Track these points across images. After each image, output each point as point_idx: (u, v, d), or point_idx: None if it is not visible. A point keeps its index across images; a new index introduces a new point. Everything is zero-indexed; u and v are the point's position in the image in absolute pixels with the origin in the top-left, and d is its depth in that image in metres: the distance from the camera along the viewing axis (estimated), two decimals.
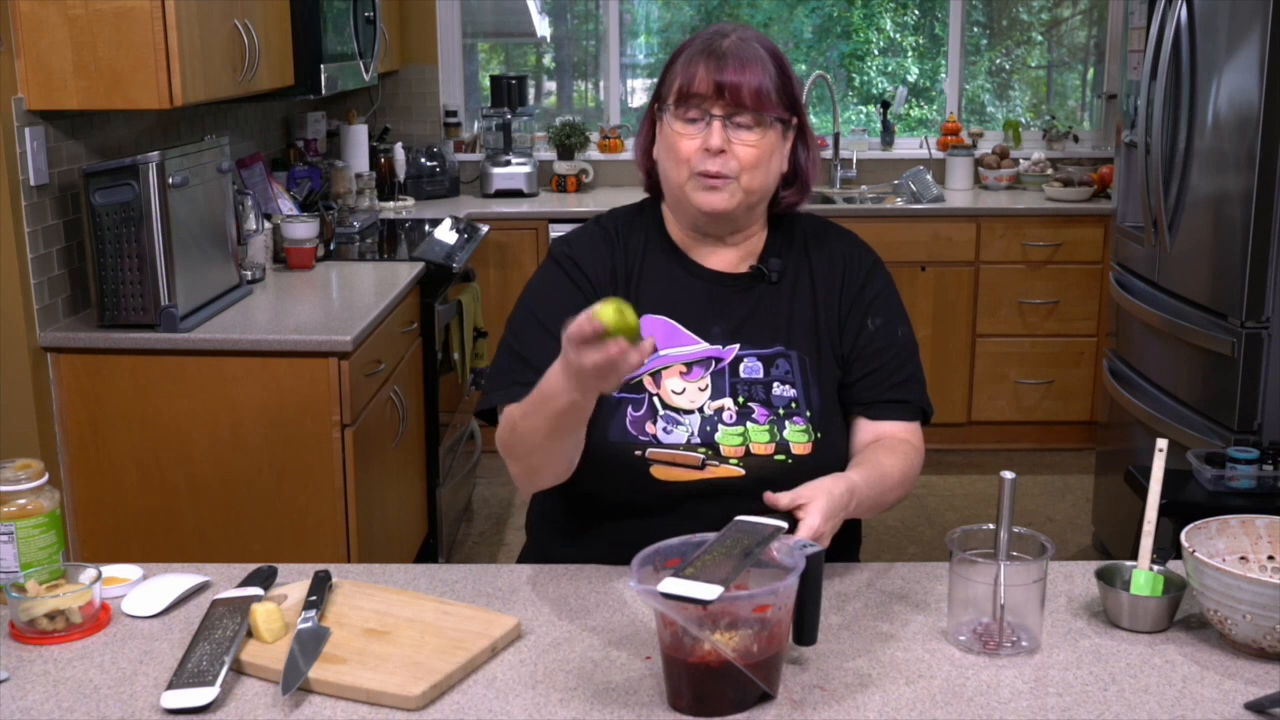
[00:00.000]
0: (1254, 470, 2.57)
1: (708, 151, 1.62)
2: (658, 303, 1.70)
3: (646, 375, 1.66)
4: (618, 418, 1.65)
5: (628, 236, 1.75)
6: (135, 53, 2.65)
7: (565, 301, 1.66)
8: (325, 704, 1.30)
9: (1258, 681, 1.34)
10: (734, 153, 1.62)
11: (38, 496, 1.53)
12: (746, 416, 1.65)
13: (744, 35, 1.66)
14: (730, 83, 1.61)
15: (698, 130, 1.63)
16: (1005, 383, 4.74)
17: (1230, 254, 2.97)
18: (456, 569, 1.65)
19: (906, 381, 1.73)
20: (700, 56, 1.63)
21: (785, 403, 1.67)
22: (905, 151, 5.25)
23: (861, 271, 1.76)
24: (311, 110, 4.61)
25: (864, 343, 1.72)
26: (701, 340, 1.69)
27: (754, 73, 1.61)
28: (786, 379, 1.68)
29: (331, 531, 2.82)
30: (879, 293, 1.75)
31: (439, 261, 3.62)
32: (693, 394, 1.66)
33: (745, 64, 1.62)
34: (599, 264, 1.72)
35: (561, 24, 5.60)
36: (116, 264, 2.73)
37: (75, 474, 2.80)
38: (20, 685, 1.35)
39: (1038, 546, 1.43)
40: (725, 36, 1.65)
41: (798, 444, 1.65)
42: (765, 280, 1.72)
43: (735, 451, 1.64)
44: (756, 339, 1.69)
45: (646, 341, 1.33)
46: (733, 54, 1.62)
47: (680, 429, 1.64)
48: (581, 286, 1.70)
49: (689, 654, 1.26)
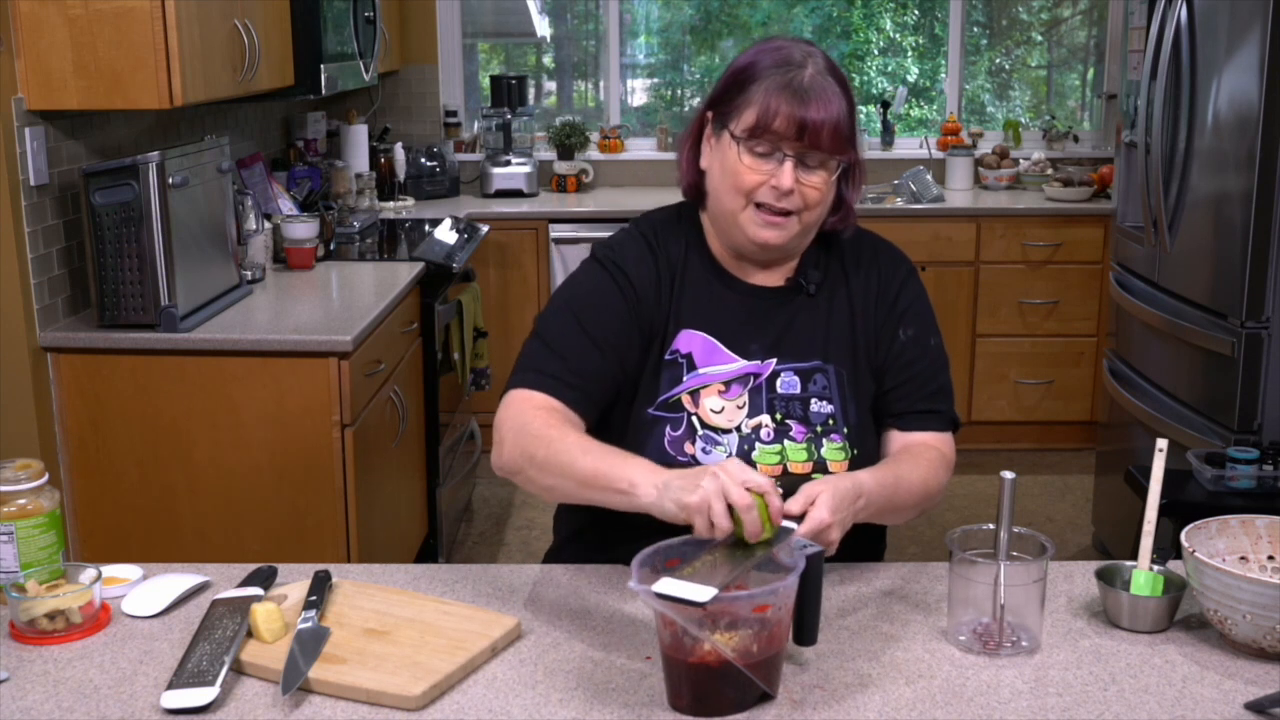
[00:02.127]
0: (1254, 470, 2.57)
1: (774, 189, 1.59)
2: (696, 318, 1.68)
3: (685, 394, 1.64)
4: (655, 437, 1.63)
5: (668, 245, 1.71)
6: (135, 53, 2.65)
7: (607, 305, 1.65)
8: (325, 704, 1.30)
9: (1258, 681, 1.34)
10: (800, 191, 1.59)
11: (38, 496, 1.53)
12: (784, 434, 1.64)
13: (817, 65, 1.60)
14: (813, 124, 1.56)
15: (765, 164, 1.59)
16: (1005, 383, 4.74)
17: (1230, 254, 2.97)
18: (456, 569, 1.65)
19: (938, 393, 1.71)
20: (781, 91, 1.57)
21: (823, 419, 1.65)
22: (905, 151, 5.25)
23: (896, 281, 1.73)
24: (311, 110, 4.60)
25: (896, 353, 1.70)
26: (739, 358, 1.66)
27: (833, 113, 1.57)
28: (824, 394, 1.66)
29: (331, 531, 2.82)
30: (912, 303, 1.73)
31: (439, 261, 3.62)
32: (731, 412, 1.64)
33: (827, 104, 1.57)
34: (644, 273, 1.68)
35: (561, 24, 5.60)
36: (116, 264, 2.73)
37: (75, 474, 2.80)
38: (20, 685, 1.35)
39: (1038, 546, 1.43)
40: (801, 68, 1.59)
41: (835, 462, 1.63)
42: (803, 292, 1.70)
43: (773, 470, 1.62)
44: (794, 353, 1.67)
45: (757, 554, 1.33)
46: (815, 91, 1.57)
47: (719, 449, 1.62)
48: (626, 294, 1.66)
49: (689, 654, 1.26)
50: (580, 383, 1.61)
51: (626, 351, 1.65)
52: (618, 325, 1.65)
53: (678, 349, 1.66)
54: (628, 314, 1.66)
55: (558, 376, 1.60)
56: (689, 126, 1.71)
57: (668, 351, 1.66)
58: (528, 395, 1.59)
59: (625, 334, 1.65)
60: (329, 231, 3.81)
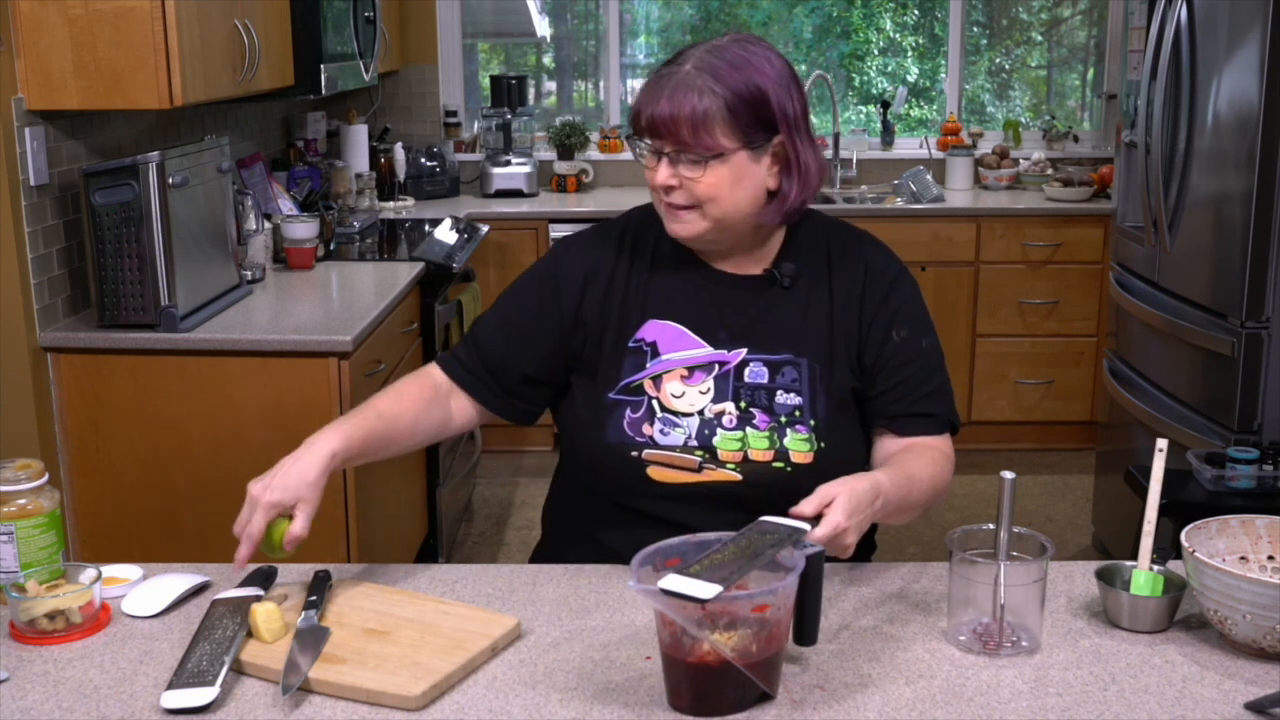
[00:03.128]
0: (1254, 470, 2.57)
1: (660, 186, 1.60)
2: (665, 307, 1.68)
3: (647, 379, 1.65)
4: (615, 419, 1.64)
5: (640, 234, 1.72)
6: (135, 53, 2.65)
7: (527, 301, 1.73)
8: (325, 704, 1.30)
9: (1258, 681, 1.34)
10: (687, 187, 1.58)
11: (38, 496, 1.53)
12: (747, 422, 1.63)
13: (700, 60, 1.56)
14: (662, 120, 1.54)
15: (655, 162, 1.60)
16: (1005, 383, 4.74)
17: (1230, 254, 2.97)
18: (456, 569, 1.65)
19: (932, 394, 1.68)
20: (647, 87, 1.58)
21: (788, 410, 1.64)
22: (905, 151, 5.25)
23: (885, 281, 1.70)
24: (311, 110, 4.60)
25: (888, 355, 1.67)
26: (707, 345, 1.66)
27: (687, 108, 1.53)
28: (793, 386, 1.65)
29: (331, 531, 2.82)
30: (904, 303, 1.69)
31: (439, 261, 3.62)
32: (693, 397, 1.64)
33: (680, 100, 1.53)
34: (576, 265, 1.72)
35: (561, 24, 5.60)
36: (116, 264, 2.73)
37: (75, 474, 2.80)
38: (20, 685, 1.35)
39: (1038, 546, 1.43)
40: (680, 65, 1.57)
41: (798, 452, 1.62)
42: (778, 284, 1.69)
43: (733, 456, 1.62)
44: (765, 344, 1.66)
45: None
46: (674, 87, 1.54)
47: (677, 431, 1.63)
48: (545, 286, 1.73)
49: (688, 654, 1.26)
50: (480, 370, 1.73)
51: (543, 343, 1.71)
52: (533, 319, 1.71)
53: (642, 338, 1.68)
54: (541, 308, 1.72)
55: (462, 361, 1.74)
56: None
57: (631, 339, 1.68)
58: (426, 369, 1.76)
59: (538, 327, 1.71)
60: (329, 231, 3.81)
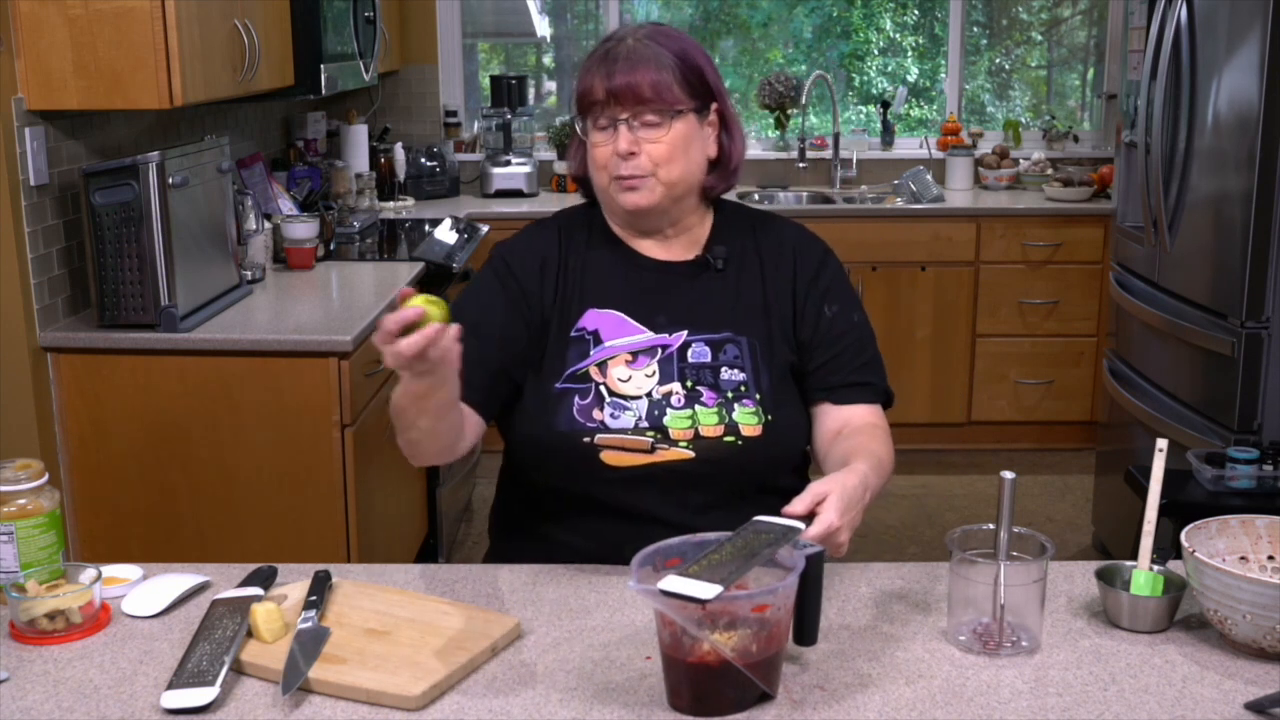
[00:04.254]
0: (1254, 470, 2.57)
1: (618, 156, 1.66)
2: (603, 295, 1.72)
3: (592, 365, 1.68)
4: (564, 407, 1.67)
5: (572, 231, 1.78)
6: (135, 53, 2.65)
7: (488, 301, 1.72)
8: (325, 704, 1.30)
9: (1258, 681, 1.34)
10: (645, 151, 1.66)
11: (38, 496, 1.53)
12: (695, 400, 1.67)
13: (639, 35, 1.69)
14: (620, 85, 1.64)
15: (609, 137, 1.67)
16: (1005, 383, 4.74)
17: (1230, 254, 2.97)
18: (456, 569, 1.65)
19: (867, 364, 1.75)
20: (594, 65, 1.68)
21: (734, 386, 1.69)
22: (905, 151, 5.25)
23: (814, 260, 1.78)
24: (311, 110, 4.60)
25: (823, 329, 1.74)
26: (647, 330, 1.70)
27: (646, 71, 1.64)
28: (735, 363, 1.70)
29: (331, 531, 2.82)
30: (832, 280, 1.78)
31: (439, 261, 3.62)
32: (639, 381, 1.68)
33: (636, 64, 1.65)
34: (528, 256, 1.75)
35: (561, 24, 5.60)
36: (116, 264, 2.73)
37: (75, 474, 2.80)
38: (20, 685, 1.35)
39: (1038, 546, 1.43)
40: (621, 40, 1.69)
41: (747, 425, 1.67)
42: (711, 268, 1.75)
43: (684, 434, 1.65)
44: (704, 325, 1.71)
45: (453, 327, 1.37)
46: (626, 56, 1.66)
47: (628, 414, 1.65)
48: (506, 283, 1.73)
49: (688, 654, 1.26)
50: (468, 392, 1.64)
51: (513, 346, 1.71)
52: (500, 317, 1.71)
53: (584, 327, 1.71)
54: (507, 308, 1.72)
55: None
56: (573, 139, 1.77)
57: (574, 329, 1.71)
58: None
59: (508, 323, 1.71)
60: (329, 231, 3.81)
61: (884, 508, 4.15)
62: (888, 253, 4.56)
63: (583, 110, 1.69)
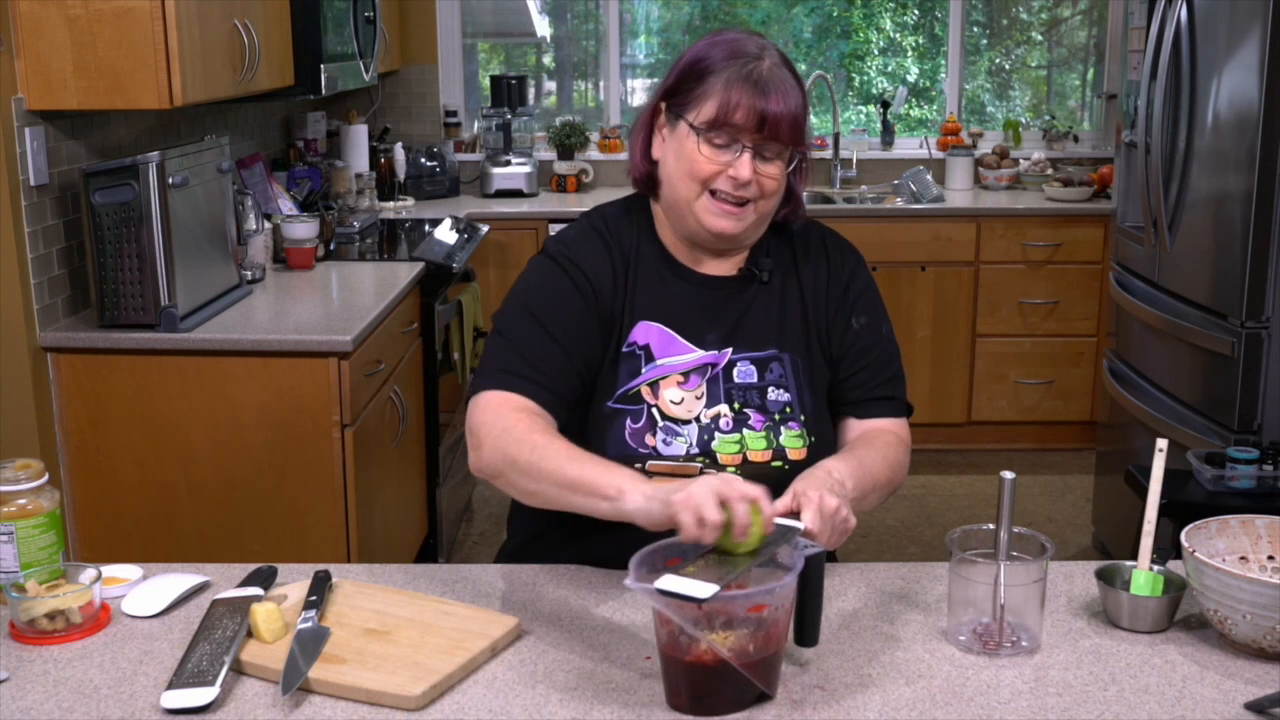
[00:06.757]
0: (1254, 470, 2.57)
1: (733, 179, 1.60)
2: (651, 309, 1.68)
3: (644, 385, 1.65)
4: (615, 430, 1.63)
5: (620, 236, 1.71)
6: (135, 53, 2.65)
7: (565, 303, 1.65)
8: (325, 704, 1.30)
9: (1258, 681, 1.34)
10: (757, 181, 1.61)
11: (38, 496, 1.53)
12: (743, 423, 1.64)
13: (773, 57, 1.62)
14: (773, 116, 1.58)
15: (723, 155, 1.60)
16: (1005, 383, 4.74)
17: (1230, 254, 2.97)
18: (456, 569, 1.65)
19: (892, 379, 1.73)
20: (741, 83, 1.58)
21: (780, 407, 1.66)
22: (905, 151, 5.25)
23: (846, 270, 1.75)
24: (311, 110, 4.61)
25: (850, 342, 1.72)
26: (696, 348, 1.67)
27: (792, 105, 1.59)
28: (780, 383, 1.67)
29: (331, 531, 2.82)
30: (862, 291, 1.75)
31: (439, 261, 3.62)
32: (690, 403, 1.64)
33: (786, 96, 1.59)
34: (599, 267, 1.68)
35: (561, 24, 5.60)
36: (116, 264, 2.73)
37: (75, 474, 2.80)
38: (20, 685, 1.35)
39: (1038, 546, 1.43)
40: (759, 60, 1.60)
41: (793, 449, 1.65)
42: (756, 281, 1.71)
43: (733, 459, 1.62)
44: (750, 342, 1.68)
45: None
46: (774, 84, 1.58)
47: (679, 440, 1.62)
48: (583, 290, 1.66)
49: (685, 653, 1.26)
50: (547, 382, 1.60)
51: (588, 348, 1.65)
52: (577, 322, 1.64)
53: (635, 341, 1.66)
54: (585, 309, 1.65)
55: (526, 377, 1.59)
56: (640, 118, 1.71)
57: (625, 344, 1.66)
58: (504, 397, 1.57)
59: (584, 330, 1.65)
60: (329, 231, 3.81)
61: (884, 508, 4.15)
62: (888, 253, 4.56)
63: (712, 124, 1.59)
